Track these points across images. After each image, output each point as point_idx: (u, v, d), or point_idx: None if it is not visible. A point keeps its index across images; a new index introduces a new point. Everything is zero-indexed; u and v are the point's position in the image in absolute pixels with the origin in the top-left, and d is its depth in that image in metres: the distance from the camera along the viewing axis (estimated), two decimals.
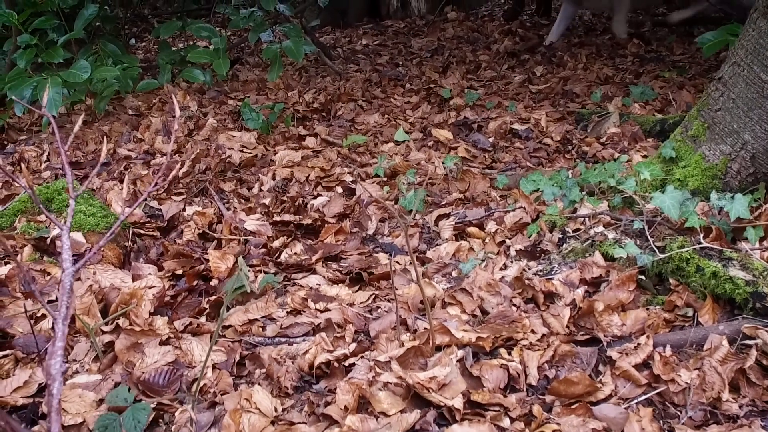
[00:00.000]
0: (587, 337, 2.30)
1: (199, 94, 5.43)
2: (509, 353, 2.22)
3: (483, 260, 2.83)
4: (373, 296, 2.64)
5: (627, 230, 2.73)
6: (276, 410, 2.05)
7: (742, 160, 2.85)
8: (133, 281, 2.84)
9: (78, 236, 3.18)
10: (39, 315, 2.57)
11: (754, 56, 2.80)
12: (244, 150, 4.27)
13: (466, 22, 7.68)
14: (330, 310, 2.53)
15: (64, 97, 4.54)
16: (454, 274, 2.80)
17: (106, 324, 2.46)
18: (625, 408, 1.99)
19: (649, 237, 2.60)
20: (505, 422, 1.94)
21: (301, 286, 2.78)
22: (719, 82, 2.95)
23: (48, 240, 3.12)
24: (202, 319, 2.56)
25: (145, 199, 2.67)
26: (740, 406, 1.99)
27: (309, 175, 3.90)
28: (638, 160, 3.75)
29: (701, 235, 2.54)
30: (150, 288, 2.76)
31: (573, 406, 1.98)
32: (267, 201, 3.62)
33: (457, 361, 2.14)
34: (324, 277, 2.84)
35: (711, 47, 4.36)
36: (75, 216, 3.31)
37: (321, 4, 6.55)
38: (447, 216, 3.34)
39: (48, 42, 5.01)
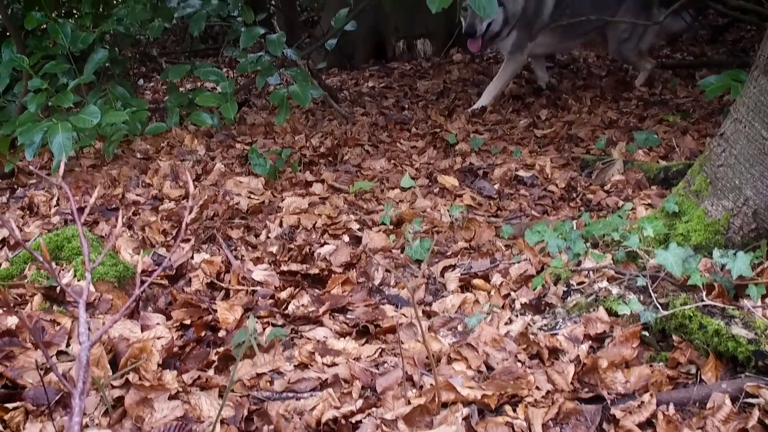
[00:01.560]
0: (591, 394, 2.32)
1: (206, 137, 5.49)
2: (514, 410, 2.25)
3: (488, 314, 2.86)
4: (380, 350, 2.67)
5: (631, 285, 2.76)
6: None
7: (744, 216, 2.89)
8: (142, 331, 2.86)
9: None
10: (50, 366, 2.59)
11: (755, 113, 2.85)
12: (252, 196, 4.31)
13: (472, 65, 7.76)
14: (337, 365, 2.56)
15: (74, 140, 4.59)
16: (459, 328, 2.83)
17: (116, 379, 2.49)
18: None
19: (652, 293, 2.63)
20: None
21: (308, 338, 2.80)
22: (721, 138, 2.99)
23: (58, 289, 3.16)
24: (211, 372, 2.59)
25: (168, 264, 2.72)
26: None
27: (316, 222, 3.94)
28: (642, 209, 3.80)
29: (704, 293, 2.57)
30: (159, 338, 2.79)
31: None
32: (274, 249, 3.65)
33: (463, 419, 2.17)
34: (331, 329, 2.87)
35: (713, 90, 4.41)
36: (82, 265, 3.35)
37: (328, 47, 6.63)
38: (453, 267, 3.37)
39: (58, 86, 5.07)
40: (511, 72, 6.54)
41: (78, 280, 3.28)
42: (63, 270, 3.41)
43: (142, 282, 1.82)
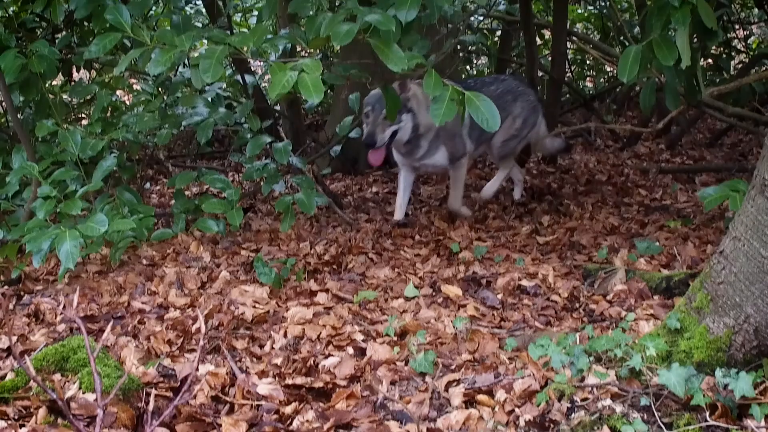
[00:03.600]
0: None
1: (212, 243, 5.54)
2: None
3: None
4: None
5: (634, 403, 2.78)
6: None
7: (746, 333, 2.92)
8: None
9: (91, 397, 3.22)
10: None
11: (754, 232, 2.90)
12: (257, 306, 4.33)
13: (474, 170, 7.84)
14: None
15: (81, 247, 4.63)
16: None
17: None
18: None
19: (655, 412, 2.65)
20: None
21: None
22: (721, 256, 3.04)
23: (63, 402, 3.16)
24: None
25: (183, 400, 2.76)
26: None
27: (320, 333, 3.96)
28: (645, 321, 3.84)
29: (707, 413, 2.59)
30: None
31: None
32: (279, 361, 3.67)
33: None
34: None
35: (712, 201, 4.48)
36: (88, 377, 3.36)
37: (332, 153, 6.75)
38: (457, 382, 3.38)
39: (67, 193, 5.13)
40: (462, 175, 6.27)
41: (83, 392, 3.30)
42: (68, 382, 3.42)
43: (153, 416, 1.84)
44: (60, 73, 5.98)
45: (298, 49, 5.20)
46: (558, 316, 4.25)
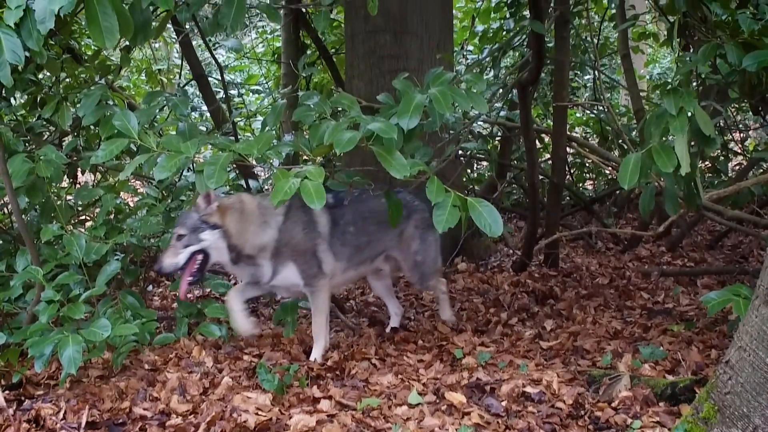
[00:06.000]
0: None
1: (214, 348, 5.52)
2: None
3: None
4: None
5: None
6: None
7: None
8: None
9: None
10: None
11: (759, 342, 2.91)
12: (259, 413, 4.30)
13: (476, 274, 7.85)
14: None
15: (84, 352, 4.63)
16: None
17: None
18: None
19: None
20: None
21: None
22: (727, 366, 3.04)
23: None
24: None
25: None
26: None
27: None
28: (650, 426, 3.82)
29: None
30: None
31: None
32: None
33: None
34: None
35: (715, 306, 4.47)
36: None
37: None
38: None
39: (70, 297, 5.15)
40: (324, 302, 5.44)
41: None
42: None
43: None
44: (65, 176, 6.06)
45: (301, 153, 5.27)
46: (563, 423, 4.21)
